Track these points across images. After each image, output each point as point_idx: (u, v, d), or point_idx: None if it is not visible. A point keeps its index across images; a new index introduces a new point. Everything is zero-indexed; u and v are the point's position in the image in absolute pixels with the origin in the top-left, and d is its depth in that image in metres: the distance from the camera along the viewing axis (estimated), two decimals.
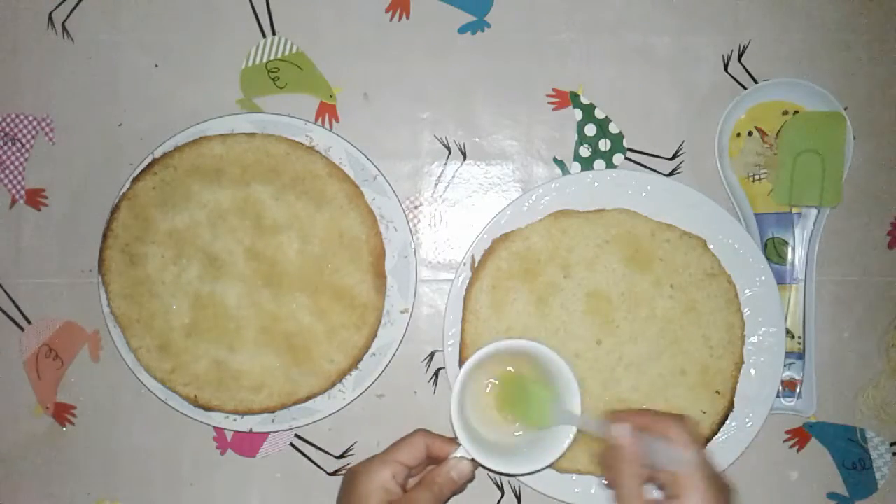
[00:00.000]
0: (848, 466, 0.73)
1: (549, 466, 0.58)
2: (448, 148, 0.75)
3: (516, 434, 0.61)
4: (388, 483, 0.55)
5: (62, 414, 0.75)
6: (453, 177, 0.75)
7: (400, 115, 0.75)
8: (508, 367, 0.62)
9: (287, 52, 0.75)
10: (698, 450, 0.52)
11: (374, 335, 0.70)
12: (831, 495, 0.73)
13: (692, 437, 0.53)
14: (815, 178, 0.72)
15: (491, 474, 0.73)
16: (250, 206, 0.70)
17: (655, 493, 0.55)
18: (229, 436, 0.74)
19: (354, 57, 0.75)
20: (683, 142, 0.74)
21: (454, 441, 0.58)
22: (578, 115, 0.74)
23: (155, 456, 0.74)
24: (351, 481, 0.56)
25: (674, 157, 0.74)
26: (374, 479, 0.55)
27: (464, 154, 0.75)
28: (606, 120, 0.74)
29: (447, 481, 0.56)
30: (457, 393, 0.58)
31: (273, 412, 0.70)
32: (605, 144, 0.74)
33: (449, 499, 0.57)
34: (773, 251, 0.73)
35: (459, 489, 0.58)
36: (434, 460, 0.58)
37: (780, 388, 0.71)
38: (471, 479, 0.58)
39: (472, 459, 0.57)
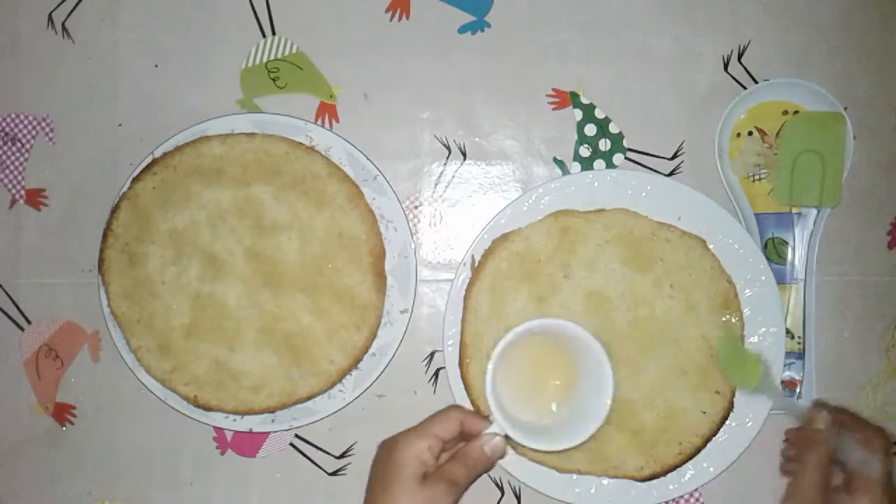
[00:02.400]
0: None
1: (582, 444, 0.58)
2: (448, 148, 0.75)
3: (549, 411, 0.62)
4: (424, 454, 0.56)
5: (62, 414, 0.75)
6: (453, 177, 0.75)
7: (400, 115, 0.75)
8: (561, 346, 0.62)
9: (287, 52, 0.75)
10: (888, 460, 0.56)
11: (374, 335, 0.70)
12: None
13: (886, 449, 0.57)
14: (815, 178, 0.72)
15: (491, 474, 0.73)
16: (250, 206, 0.70)
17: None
18: (229, 436, 0.74)
19: (354, 57, 0.75)
20: (683, 142, 0.74)
21: (487, 418, 0.58)
22: (578, 115, 0.74)
23: (155, 456, 0.74)
24: (388, 450, 0.57)
25: (674, 157, 0.74)
26: (411, 449, 0.56)
27: (464, 154, 0.75)
28: (606, 120, 0.74)
29: (480, 456, 0.57)
30: (491, 370, 0.58)
31: (273, 412, 0.70)
32: (605, 144, 0.74)
33: (481, 475, 0.58)
34: (773, 251, 0.73)
35: (491, 466, 0.59)
36: (466, 437, 0.59)
37: (781, 388, 0.71)
38: (502, 455, 0.58)
39: (505, 436, 0.57)
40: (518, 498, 0.73)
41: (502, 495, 0.73)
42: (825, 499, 0.56)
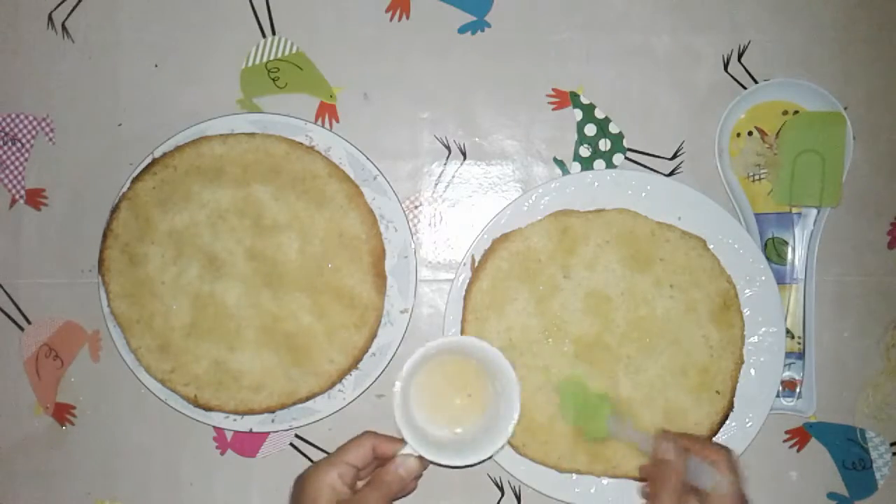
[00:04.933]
0: (848, 466, 0.73)
1: (490, 458, 0.60)
2: (448, 148, 0.75)
3: (457, 431, 0.62)
4: (336, 483, 0.56)
5: (62, 414, 0.75)
6: (453, 177, 0.75)
7: (400, 115, 0.75)
8: (471, 361, 0.63)
9: (287, 52, 0.75)
10: (738, 479, 0.58)
11: (374, 335, 0.70)
12: (831, 495, 0.73)
13: (734, 467, 0.58)
14: (815, 178, 0.72)
15: (491, 474, 0.73)
16: (250, 206, 0.70)
17: None
18: (229, 436, 0.74)
19: (354, 57, 0.75)
20: (683, 142, 0.74)
21: (401, 440, 0.58)
22: (578, 115, 0.74)
23: (155, 456, 0.74)
24: (299, 485, 0.57)
25: (674, 157, 0.74)
26: (321, 480, 0.56)
27: (464, 154, 0.75)
28: (606, 120, 0.74)
29: (395, 478, 0.57)
30: (398, 390, 0.58)
31: (273, 412, 0.70)
32: (605, 144, 0.74)
33: (399, 497, 0.58)
34: (773, 251, 0.73)
35: (409, 487, 0.59)
36: (382, 460, 0.59)
37: (780, 388, 0.71)
38: (418, 475, 0.59)
39: (419, 456, 0.58)
40: (518, 498, 0.73)
41: (502, 495, 0.73)
42: None
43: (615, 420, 0.65)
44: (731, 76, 0.74)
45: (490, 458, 0.60)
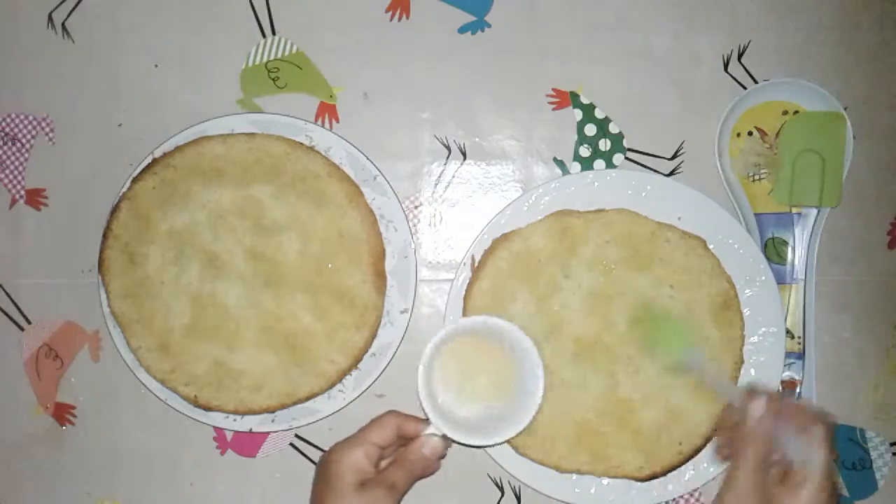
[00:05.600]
0: (848, 466, 0.73)
1: (515, 437, 0.60)
2: (448, 148, 0.75)
3: (482, 409, 0.62)
4: (361, 462, 0.56)
5: (62, 414, 0.75)
6: (453, 177, 0.75)
7: (400, 115, 0.75)
8: (494, 342, 0.63)
9: (287, 52, 0.75)
10: (830, 455, 0.52)
11: (374, 335, 0.70)
12: None
13: (828, 438, 0.52)
14: (815, 178, 0.72)
15: (491, 474, 0.73)
16: (250, 206, 0.70)
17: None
18: (229, 436, 0.74)
19: (354, 57, 0.75)
20: (683, 142, 0.74)
21: (425, 420, 0.59)
22: (578, 115, 0.74)
23: (155, 456, 0.74)
24: (325, 462, 0.57)
25: (674, 157, 0.74)
26: (346, 460, 0.56)
27: (464, 154, 0.75)
28: (606, 120, 0.74)
29: (419, 458, 0.57)
30: (422, 371, 0.58)
31: (273, 412, 0.70)
32: (605, 144, 0.74)
33: (423, 476, 0.58)
34: (773, 251, 0.73)
35: (433, 467, 0.59)
36: (406, 440, 0.59)
37: (780, 388, 0.71)
38: (443, 455, 0.59)
39: (444, 436, 0.58)
40: (518, 498, 0.73)
41: (502, 495, 0.73)
42: (765, 496, 0.52)
43: (692, 351, 0.61)
44: (731, 76, 0.74)
45: (514, 437, 0.59)
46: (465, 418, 0.61)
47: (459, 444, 0.58)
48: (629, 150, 0.74)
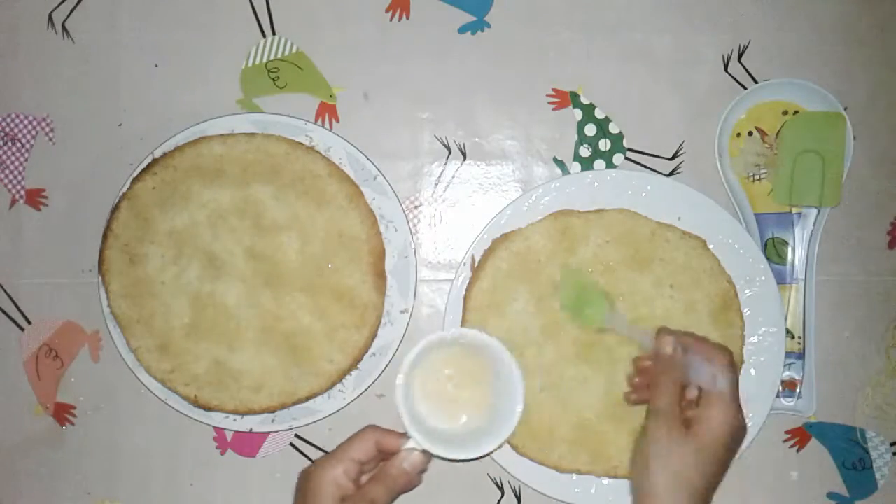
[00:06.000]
0: (848, 466, 0.73)
1: (493, 452, 0.60)
2: (448, 148, 0.75)
3: (462, 422, 0.61)
4: (340, 478, 0.56)
5: (62, 414, 0.75)
6: (453, 177, 0.75)
7: (400, 115, 0.75)
8: (474, 354, 0.62)
9: (287, 52, 0.75)
10: (732, 373, 0.59)
11: (374, 335, 0.70)
12: (831, 495, 0.73)
13: (730, 362, 0.59)
14: (815, 178, 0.72)
15: (491, 474, 0.73)
16: (250, 206, 0.70)
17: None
18: (229, 436, 0.74)
19: (354, 57, 0.75)
20: (683, 142, 0.74)
21: (404, 435, 0.58)
22: (578, 115, 0.74)
23: (155, 456, 0.74)
24: (304, 479, 0.57)
25: (674, 157, 0.74)
26: (325, 476, 0.56)
27: (464, 154, 0.75)
28: (606, 120, 0.74)
29: (400, 473, 0.57)
30: (401, 383, 0.58)
31: (273, 412, 0.70)
32: (605, 144, 0.74)
33: (405, 491, 0.58)
34: (773, 251, 0.73)
35: (415, 481, 0.58)
36: (386, 455, 0.58)
37: (780, 388, 0.71)
38: (424, 469, 0.58)
39: (424, 450, 0.57)
40: (518, 498, 0.73)
41: (502, 495, 0.73)
42: (682, 417, 0.58)
43: (612, 315, 0.66)
44: (731, 76, 0.74)
45: (494, 451, 0.59)
46: (445, 430, 0.60)
47: (439, 457, 0.57)
48: (629, 150, 0.74)
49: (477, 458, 0.58)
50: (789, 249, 0.73)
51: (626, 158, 0.74)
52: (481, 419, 0.61)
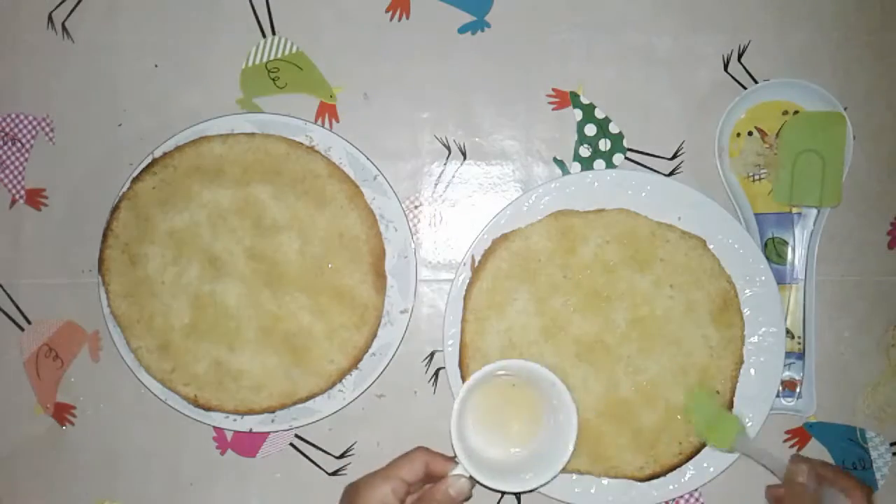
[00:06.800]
0: (848, 466, 0.73)
1: (544, 485, 0.60)
2: (448, 148, 0.75)
3: (514, 451, 0.62)
4: (388, 498, 0.56)
5: (62, 414, 0.75)
6: (453, 177, 0.75)
7: (400, 115, 0.75)
8: (512, 384, 0.63)
9: (287, 52, 0.75)
10: None
11: (374, 335, 0.70)
12: None
13: (868, 498, 0.59)
14: (815, 178, 0.72)
15: None
16: (250, 206, 0.70)
17: None
18: (229, 436, 0.74)
19: (354, 57, 0.75)
20: (683, 142, 0.74)
21: (453, 459, 0.58)
22: (578, 115, 0.74)
23: (155, 456, 0.74)
24: (352, 494, 0.57)
25: (674, 157, 0.74)
26: (374, 494, 0.56)
27: (464, 154, 0.75)
28: (606, 120, 0.74)
29: (445, 498, 0.57)
30: (456, 412, 0.58)
31: (273, 412, 0.70)
32: (605, 144, 0.74)
33: None
34: (773, 251, 0.73)
35: None
36: (433, 478, 0.59)
37: (780, 388, 0.71)
38: (468, 496, 0.58)
39: (471, 477, 0.58)
40: (518, 498, 0.73)
41: (502, 495, 0.73)
42: None
43: (743, 440, 0.66)
44: (731, 76, 0.74)
45: (543, 486, 0.59)
46: (493, 460, 0.61)
47: (486, 487, 0.58)
48: (629, 150, 0.74)
49: (523, 493, 0.58)
50: (789, 249, 0.73)
51: (626, 158, 0.74)
52: (531, 451, 0.61)
